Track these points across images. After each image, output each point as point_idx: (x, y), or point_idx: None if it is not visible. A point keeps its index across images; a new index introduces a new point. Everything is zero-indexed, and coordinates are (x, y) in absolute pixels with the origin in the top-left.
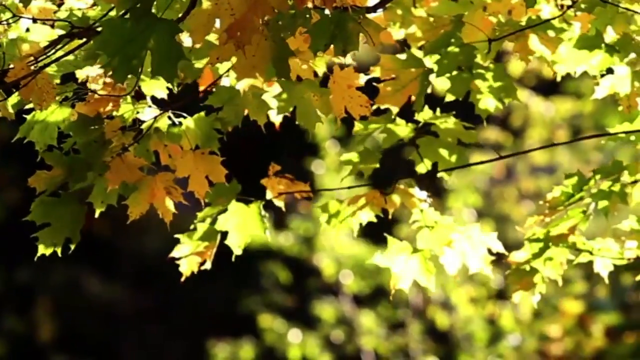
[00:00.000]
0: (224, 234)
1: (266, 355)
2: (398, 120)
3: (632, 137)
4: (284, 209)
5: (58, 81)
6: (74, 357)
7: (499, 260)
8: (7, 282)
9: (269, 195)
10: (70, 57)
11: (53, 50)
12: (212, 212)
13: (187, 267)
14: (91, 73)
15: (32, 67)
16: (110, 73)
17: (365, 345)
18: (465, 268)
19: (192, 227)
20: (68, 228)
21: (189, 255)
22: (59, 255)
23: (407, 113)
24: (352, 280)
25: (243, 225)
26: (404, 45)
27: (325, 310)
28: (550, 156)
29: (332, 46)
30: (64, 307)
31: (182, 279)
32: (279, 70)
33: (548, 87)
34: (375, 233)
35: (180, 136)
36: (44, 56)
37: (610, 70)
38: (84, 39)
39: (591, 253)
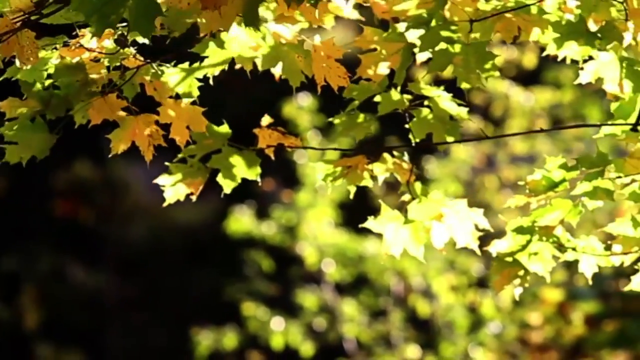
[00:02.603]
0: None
1: (249, 343)
2: (393, 90)
3: (619, 131)
4: (272, 157)
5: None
6: (59, 345)
7: (480, 248)
8: None
9: (260, 144)
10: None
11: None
12: (199, 151)
13: (173, 195)
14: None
15: (20, 24)
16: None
17: (347, 333)
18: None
19: (175, 160)
20: (34, 151)
21: (176, 184)
22: (24, 165)
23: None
24: (334, 269)
25: (236, 167)
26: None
27: (308, 298)
28: (531, 145)
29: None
30: (49, 296)
31: (164, 205)
32: (247, 18)
33: (528, 77)
34: (357, 222)
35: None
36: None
37: (592, 57)
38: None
39: (575, 250)
